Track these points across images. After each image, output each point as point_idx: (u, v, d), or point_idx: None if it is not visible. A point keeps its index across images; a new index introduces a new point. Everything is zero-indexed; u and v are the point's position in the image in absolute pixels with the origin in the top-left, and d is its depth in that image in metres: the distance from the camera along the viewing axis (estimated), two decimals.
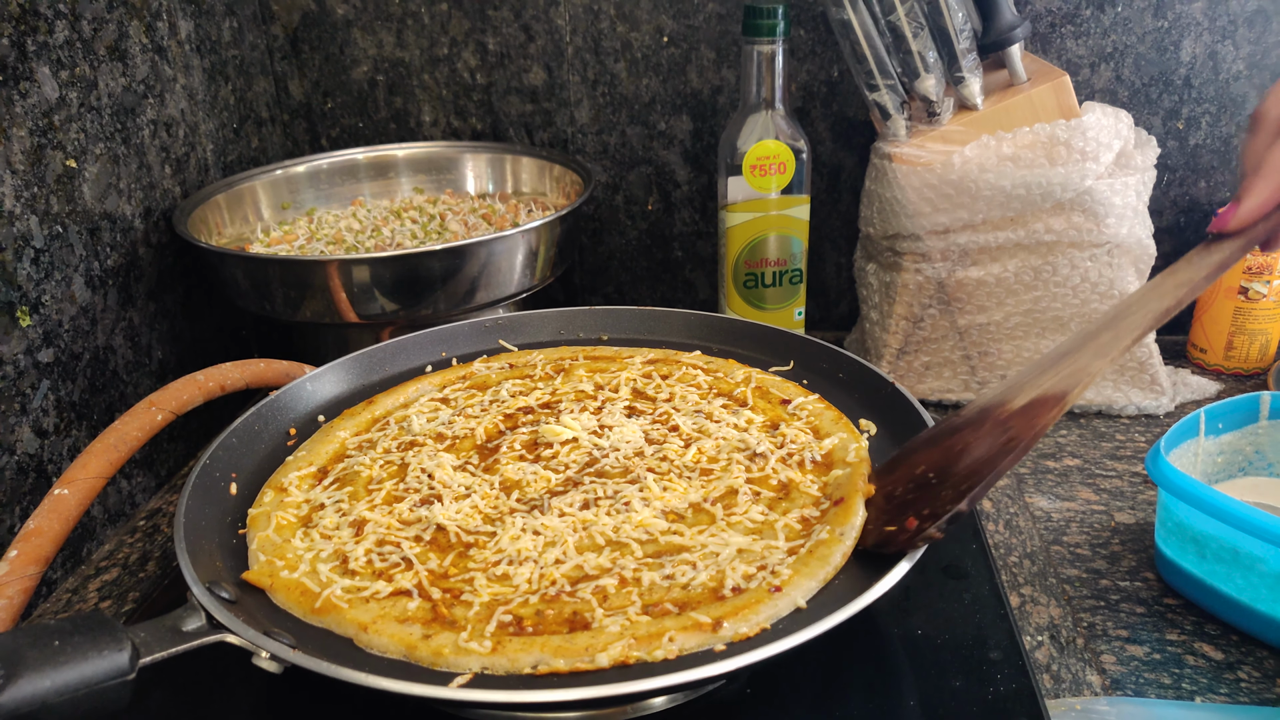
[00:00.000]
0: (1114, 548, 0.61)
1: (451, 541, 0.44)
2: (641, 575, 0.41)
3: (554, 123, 0.91)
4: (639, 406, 0.55)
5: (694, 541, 0.43)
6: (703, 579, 0.40)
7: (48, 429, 0.62)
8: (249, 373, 0.57)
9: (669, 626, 0.38)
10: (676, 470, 0.48)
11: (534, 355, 0.61)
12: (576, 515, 0.44)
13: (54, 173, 0.63)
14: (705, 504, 0.46)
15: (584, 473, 0.48)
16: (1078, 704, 0.48)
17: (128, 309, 0.70)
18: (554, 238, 0.74)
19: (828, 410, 0.54)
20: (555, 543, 0.43)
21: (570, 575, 0.41)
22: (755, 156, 0.73)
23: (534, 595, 0.40)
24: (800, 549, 0.42)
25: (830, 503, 0.46)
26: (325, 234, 0.80)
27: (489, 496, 0.46)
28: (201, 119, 0.81)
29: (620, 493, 0.46)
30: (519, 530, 0.43)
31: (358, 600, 0.40)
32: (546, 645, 0.37)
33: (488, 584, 0.41)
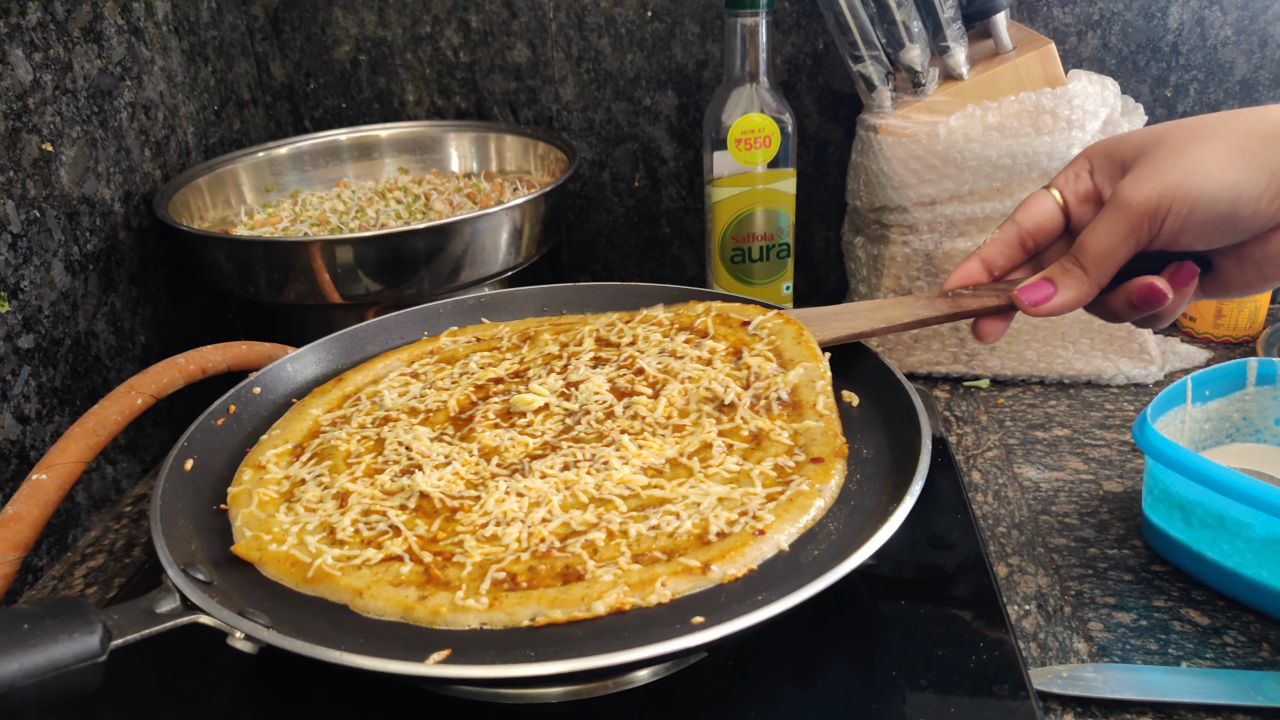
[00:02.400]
0: (1102, 516, 0.61)
1: (437, 508, 0.44)
2: (628, 527, 0.41)
3: (539, 100, 0.90)
4: (604, 355, 0.55)
5: (675, 494, 0.44)
6: (687, 527, 0.41)
7: (29, 415, 0.61)
8: (231, 355, 0.57)
9: (660, 572, 0.39)
10: (650, 428, 0.48)
11: (500, 327, 0.61)
12: (558, 476, 0.45)
13: (30, 156, 0.62)
14: (681, 459, 0.46)
15: (561, 438, 0.48)
16: (1064, 671, 0.48)
17: (109, 294, 0.70)
18: (538, 215, 0.73)
19: (787, 326, 0.56)
20: (540, 503, 0.43)
21: (558, 532, 0.42)
22: (740, 130, 0.72)
23: (525, 553, 0.41)
24: (780, 495, 0.43)
25: (806, 457, 0.46)
26: (309, 216, 0.80)
27: (469, 463, 0.47)
28: (181, 101, 0.80)
29: (598, 455, 0.46)
30: (503, 493, 0.44)
31: (350, 568, 0.41)
32: (542, 598, 0.38)
33: (478, 545, 0.41)
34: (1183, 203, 0.43)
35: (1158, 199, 0.44)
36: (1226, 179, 0.43)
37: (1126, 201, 0.45)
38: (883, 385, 0.50)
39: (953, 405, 0.75)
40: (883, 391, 0.50)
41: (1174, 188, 0.43)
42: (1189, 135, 0.44)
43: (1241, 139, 0.43)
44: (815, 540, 0.41)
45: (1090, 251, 0.47)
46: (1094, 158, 0.50)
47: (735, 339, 0.56)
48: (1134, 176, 0.45)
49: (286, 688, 0.45)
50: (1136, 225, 0.45)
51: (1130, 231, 0.45)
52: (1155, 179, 0.44)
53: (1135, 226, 0.45)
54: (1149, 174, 0.44)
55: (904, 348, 0.78)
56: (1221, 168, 0.43)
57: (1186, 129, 0.45)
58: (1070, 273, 0.48)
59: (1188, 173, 0.43)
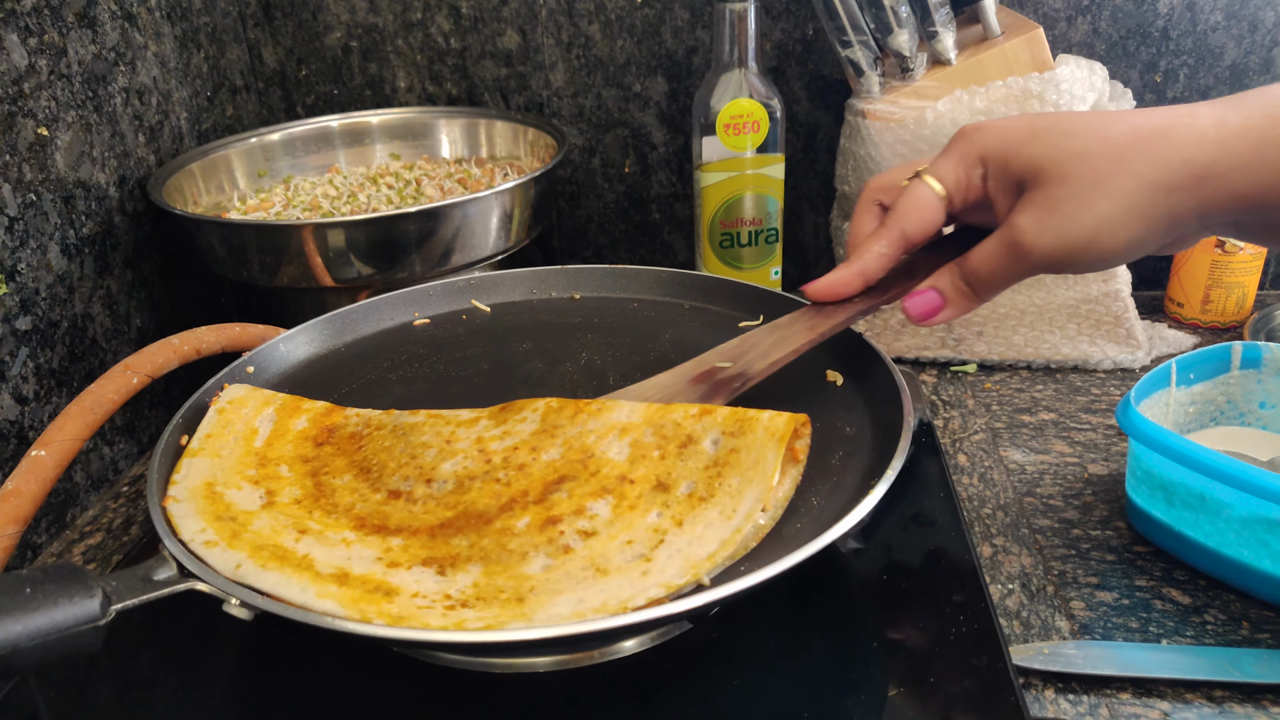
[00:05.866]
0: (1086, 498, 0.62)
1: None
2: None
3: (529, 86, 0.91)
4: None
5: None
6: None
7: (27, 395, 0.62)
8: (225, 336, 0.57)
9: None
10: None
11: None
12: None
13: (25, 141, 0.63)
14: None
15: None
16: (1045, 648, 0.49)
17: (105, 277, 0.70)
18: (528, 199, 0.74)
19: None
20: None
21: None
22: (729, 115, 0.73)
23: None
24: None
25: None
26: (301, 201, 0.80)
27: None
28: (174, 87, 0.80)
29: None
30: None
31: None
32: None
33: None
34: (1087, 259, 0.42)
35: (1059, 253, 0.42)
36: (1129, 236, 0.41)
37: (1025, 249, 0.43)
38: (866, 365, 0.51)
39: (940, 389, 0.75)
40: (866, 371, 0.50)
41: (1078, 247, 0.41)
42: (1095, 180, 0.41)
43: (1148, 193, 0.40)
44: (798, 514, 0.42)
45: (982, 278, 0.45)
46: (988, 163, 0.45)
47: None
48: (1033, 219, 0.42)
49: (284, 657, 0.46)
50: (1033, 269, 0.44)
51: (1025, 273, 0.44)
52: (1058, 234, 0.42)
53: (1031, 270, 0.44)
54: (1049, 223, 0.42)
55: (891, 332, 0.79)
56: (1126, 228, 0.41)
57: (1093, 168, 0.41)
58: (961, 292, 0.46)
59: (1094, 233, 0.41)
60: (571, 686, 0.43)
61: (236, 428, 0.49)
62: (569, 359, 0.57)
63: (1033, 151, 0.43)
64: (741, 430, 0.42)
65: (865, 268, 0.48)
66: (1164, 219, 0.41)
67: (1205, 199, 0.40)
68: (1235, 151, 0.39)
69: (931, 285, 0.47)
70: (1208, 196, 0.40)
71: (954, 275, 0.46)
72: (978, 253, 0.45)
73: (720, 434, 0.43)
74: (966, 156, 0.46)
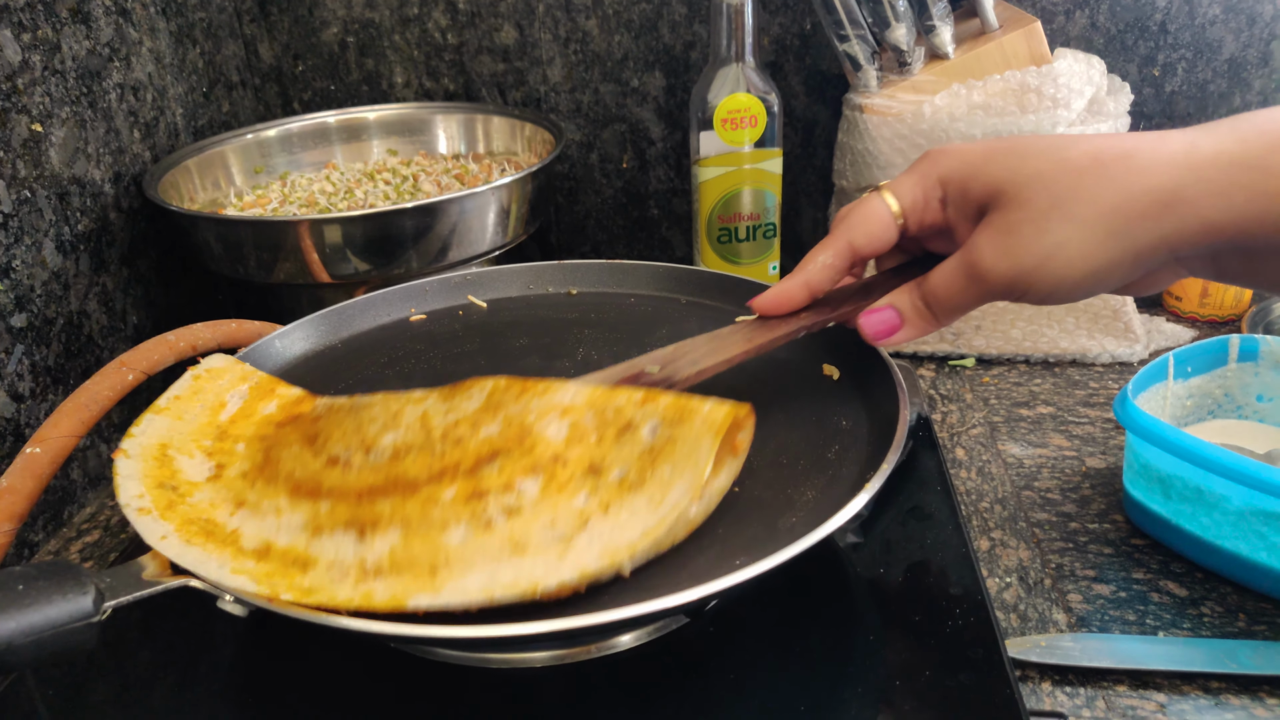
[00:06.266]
0: (1084, 492, 0.62)
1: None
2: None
3: (526, 81, 0.90)
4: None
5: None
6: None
7: (23, 393, 0.62)
8: (221, 333, 0.57)
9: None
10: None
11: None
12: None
13: (19, 137, 0.62)
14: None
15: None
16: (1043, 640, 0.49)
17: (101, 274, 0.70)
18: (525, 195, 0.74)
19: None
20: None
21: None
22: (726, 110, 0.73)
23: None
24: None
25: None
26: (298, 197, 0.80)
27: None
28: (170, 83, 0.80)
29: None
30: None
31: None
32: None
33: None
34: (1042, 284, 0.40)
35: (1014, 278, 0.41)
36: (1088, 266, 0.39)
37: (982, 274, 0.41)
38: (863, 359, 0.50)
39: (938, 384, 0.75)
40: (863, 365, 0.50)
41: (1032, 271, 0.40)
42: (1052, 203, 0.39)
43: (1108, 219, 0.38)
44: (793, 508, 0.41)
45: (940, 300, 0.44)
46: (947, 187, 0.44)
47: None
48: (989, 242, 0.41)
49: (281, 652, 0.46)
50: (990, 294, 0.42)
51: (983, 298, 0.43)
52: (1013, 258, 0.40)
53: (989, 294, 0.42)
54: (1006, 246, 0.40)
55: None
56: (1083, 255, 0.39)
57: (1049, 190, 0.40)
58: (919, 313, 0.45)
59: (1048, 257, 0.40)
60: (569, 682, 0.43)
61: (207, 396, 0.49)
62: (566, 354, 0.57)
63: (991, 174, 0.42)
64: (680, 419, 0.41)
65: (809, 278, 0.47)
66: (1127, 250, 0.39)
67: (1173, 229, 0.38)
68: (1205, 177, 0.37)
69: (890, 303, 0.46)
70: (1175, 226, 0.38)
71: (913, 295, 0.45)
72: (937, 274, 0.44)
73: (659, 421, 0.42)
74: (926, 178, 0.45)
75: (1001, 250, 0.41)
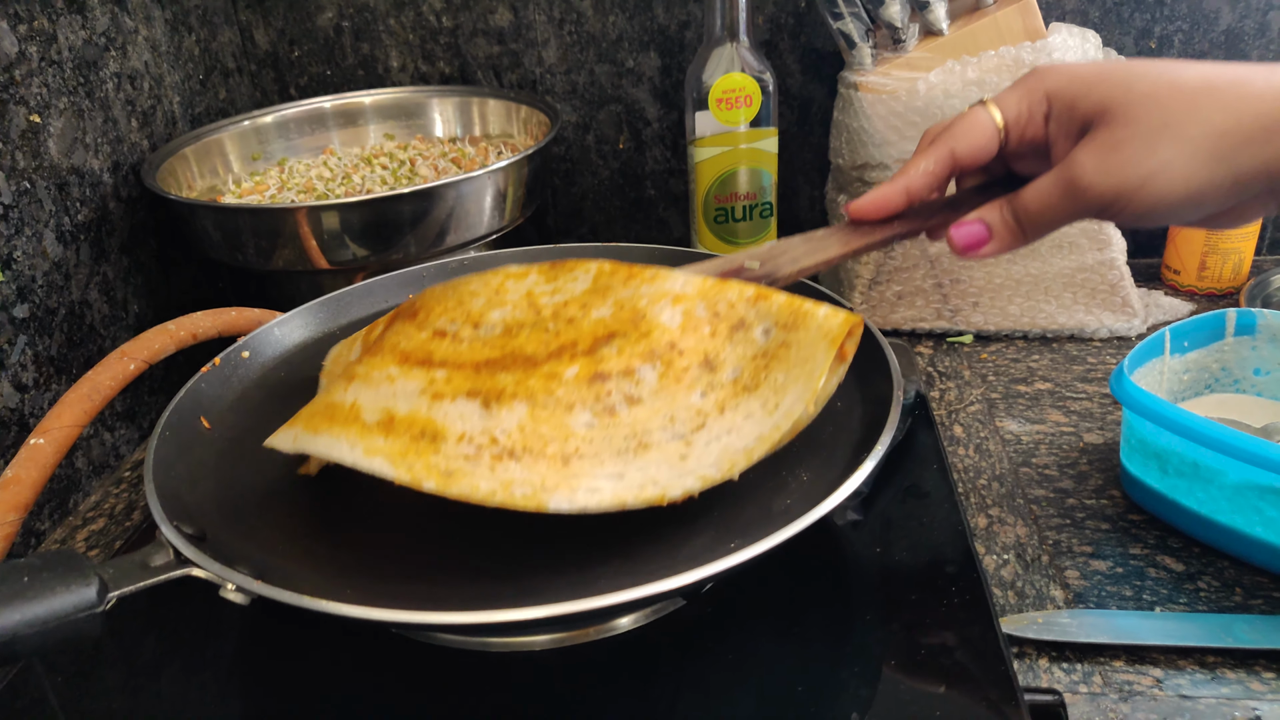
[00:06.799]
0: (1082, 468, 0.62)
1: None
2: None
3: (522, 64, 0.90)
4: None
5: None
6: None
7: (27, 383, 0.62)
8: (221, 321, 0.58)
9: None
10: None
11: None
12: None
13: (18, 128, 0.63)
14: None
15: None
16: (1039, 617, 0.49)
17: (101, 263, 0.70)
18: (521, 178, 0.74)
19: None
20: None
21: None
22: (721, 90, 0.72)
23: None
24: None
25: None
26: (296, 183, 0.80)
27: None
28: (166, 71, 0.80)
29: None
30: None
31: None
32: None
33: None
34: (1141, 204, 0.41)
35: (1115, 195, 0.41)
36: (1189, 188, 0.40)
37: (1081, 188, 0.42)
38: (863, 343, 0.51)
39: (936, 361, 0.76)
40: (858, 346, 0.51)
41: (1135, 189, 0.40)
42: (1163, 122, 0.40)
43: (1215, 142, 0.39)
44: (788, 490, 0.42)
45: (1033, 215, 0.44)
46: (1054, 102, 0.44)
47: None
48: (1092, 157, 0.42)
49: (283, 639, 0.47)
50: (1085, 210, 0.43)
51: (1078, 214, 0.43)
52: (1116, 175, 0.41)
53: (1084, 210, 0.43)
54: (1110, 163, 0.41)
55: (887, 305, 0.79)
56: (1186, 177, 0.40)
57: (1161, 110, 0.40)
58: (1009, 227, 0.45)
59: (1152, 176, 0.40)
60: (569, 664, 0.44)
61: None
62: None
63: (1102, 91, 0.42)
64: (795, 324, 0.41)
65: (910, 183, 0.47)
66: (1228, 174, 0.39)
67: (1276, 155, 0.39)
68: None
69: (979, 217, 0.46)
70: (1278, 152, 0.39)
71: (1003, 209, 0.46)
72: (1031, 189, 0.44)
73: (773, 324, 0.42)
74: (1033, 92, 0.45)
75: (1106, 166, 0.41)
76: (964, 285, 0.77)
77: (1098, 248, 0.75)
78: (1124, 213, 0.42)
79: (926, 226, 0.48)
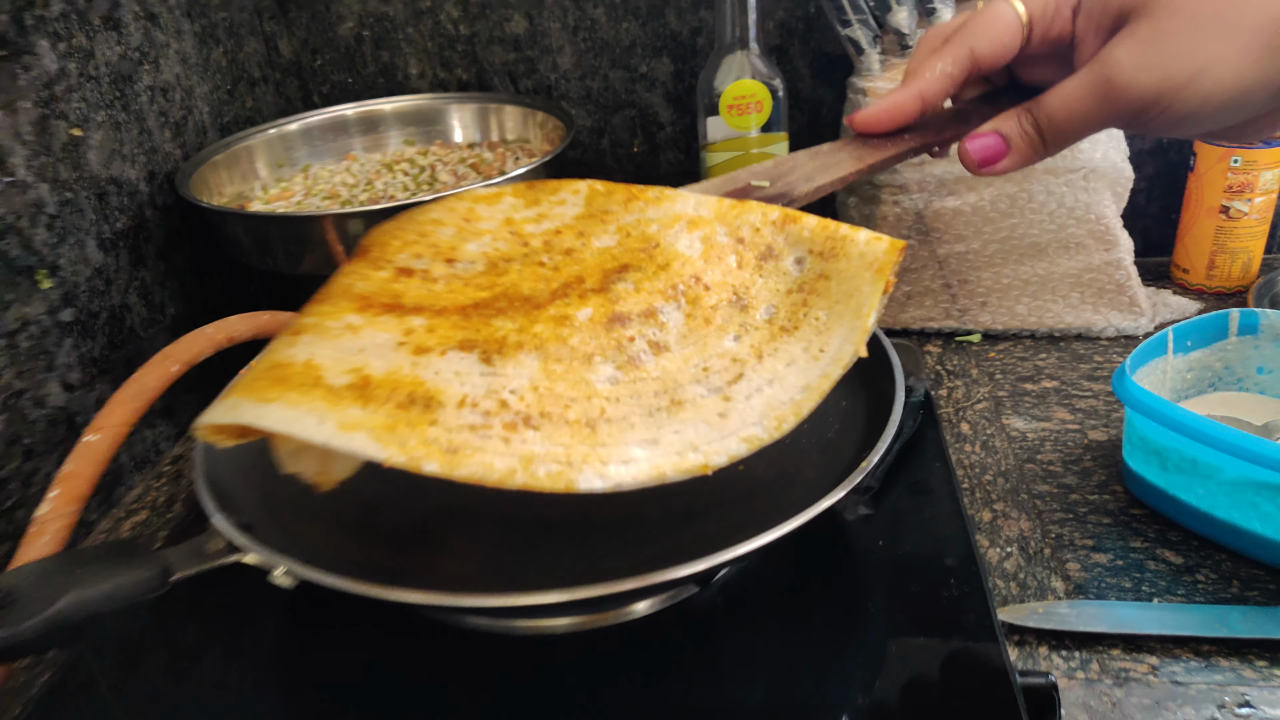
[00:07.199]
0: (1085, 464, 0.64)
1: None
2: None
3: (537, 70, 0.92)
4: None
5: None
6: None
7: (74, 383, 0.66)
8: (255, 324, 0.61)
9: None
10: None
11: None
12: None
13: (60, 141, 0.66)
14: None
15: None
16: (1040, 607, 0.51)
17: (140, 269, 0.73)
18: None
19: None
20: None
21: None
22: (732, 96, 0.74)
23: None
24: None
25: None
26: (321, 189, 0.83)
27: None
28: (196, 82, 0.83)
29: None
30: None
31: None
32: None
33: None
34: (1184, 105, 0.36)
35: (1156, 95, 0.36)
36: (1240, 84, 0.36)
37: (1119, 88, 0.37)
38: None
39: (944, 360, 0.77)
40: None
41: (1179, 87, 0.36)
42: (1212, 13, 0.35)
43: (1267, 33, 0.35)
44: (795, 487, 0.44)
45: (1058, 123, 0.39)
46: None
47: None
48: (1131, 53, 0.37)
49: (318, 629, 0.49)
50: (1119, 114, 0.38)
51: (1110, 119, 0.38)
52: (1158, 70, 0.36)
53: (1117, 115, 0.38)
54: (1151, 59, 0.36)
55: (896, 305, 0.80)
56: (1237, 73, 0.35)
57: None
58: (1028, 138, 0.41)
59: (1200, 72, 0.36)
60: (589, 646, 0.46)
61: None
62: None
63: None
64: (833, 252, 0.36)
65: (925, 88, 0.41)
66: (1277, 65, 0.35)
67: None
68: None
69: (995, 129, 0.41)
70: None
71: (1023, 118, 0.41)
72: (1057, 93, 0.39)
73: (806, 253, 0.36)
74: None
75: (1147, 62, 0.36)
76: (972, 285, 0.78)
77: (1105, 248, 0.76)
78: (1161, 117, 0.37)
79: (940, 139, 0.44)
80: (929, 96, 0.42)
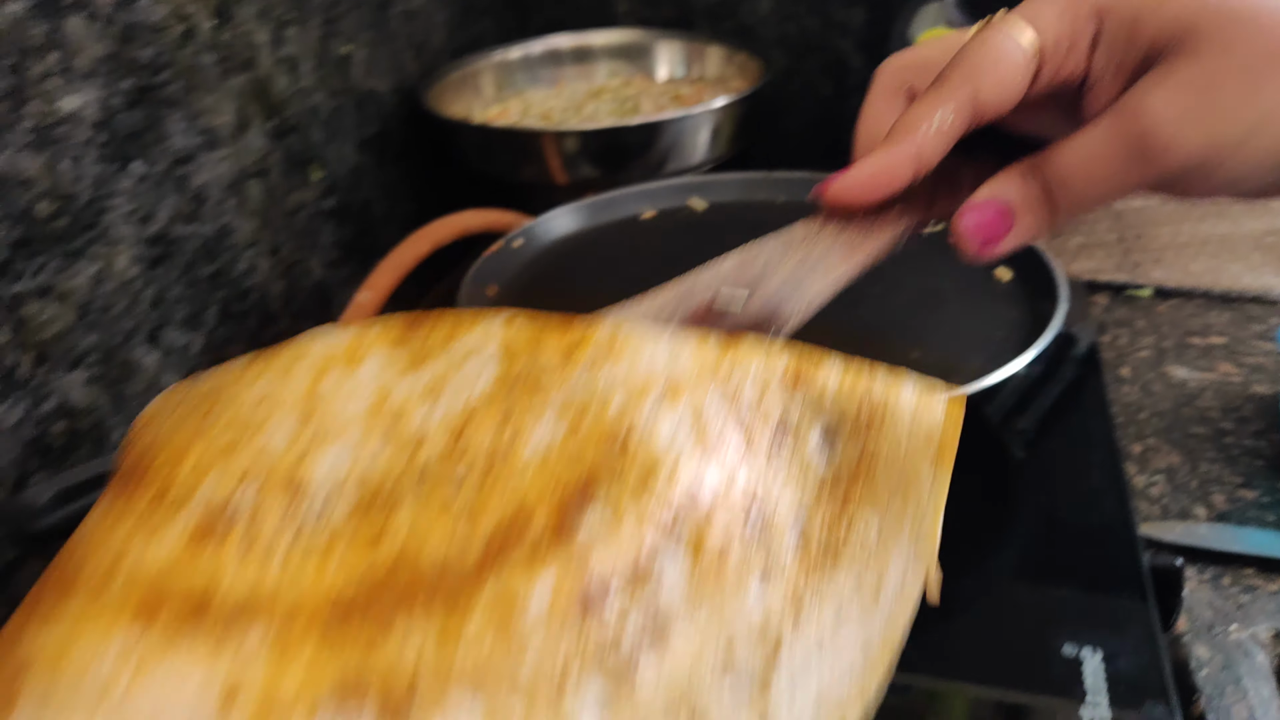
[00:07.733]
0: (1245, 413, 0.64)
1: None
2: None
3: (738, 13, 0.99)
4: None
5: None
6: None
7: (333, 261, 0.78)
8: (487, 219, 0.71)
9: None
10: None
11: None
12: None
13: (334, 57, 0.78)
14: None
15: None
16: (1179, 526, 0.54)
17: (384, 169, 0.85)
18: (733, 118, 0.83)
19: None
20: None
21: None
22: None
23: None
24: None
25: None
26: (536, 111, 0.93)
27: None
28: (434, 10, 0.94)
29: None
30: None
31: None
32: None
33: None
34: (1235, 169, 0.28)
35: (1202, 158, 0.28)
36: None
37: (1157, 148, 0.28)
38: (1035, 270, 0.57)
39: (1112, 310, 0.79)
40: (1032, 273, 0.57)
41: (1234, 148, 0.28)
42: (1269, 51, 0.27)
43: None
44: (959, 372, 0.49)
45: (1073, 188, 0.30)
46: (1107, 19, 0.30)
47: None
48: (1171, 102, 0.28)
49: None
50: (1154, 179, 0.29)
51: (1141, 182, 0.29)
52: (1206, 125, 0.28)
53: (1151, 179, 0.29)
54: (1198, 111, 0.28)
55: (1068, 255, 0.83)
56: None
57: (1265, 31, 0.27)
58: (1037, 206, 0.31)
59: (1260, 124, 0.28)
60: None
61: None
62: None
63: (1177, 10, 0.29)
64: (870, 421, 0.25)
65: (921, 148, 0.31)
66: None
67: None
68: None
69: (994, 195, 0.31)
70: None
71: (1027, 180, 0.31)
72: (1074, 148, 0.30)
73: (836, 424, 0.25)
74: (1077, 7, 0.30)
75: (1193, 113, 0.28)
76: (1146, 240, 0.80)
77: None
78: (1202, 183, 0.29)
79: (934, 213, 0.34)
80: (926, 157, 0.32)
